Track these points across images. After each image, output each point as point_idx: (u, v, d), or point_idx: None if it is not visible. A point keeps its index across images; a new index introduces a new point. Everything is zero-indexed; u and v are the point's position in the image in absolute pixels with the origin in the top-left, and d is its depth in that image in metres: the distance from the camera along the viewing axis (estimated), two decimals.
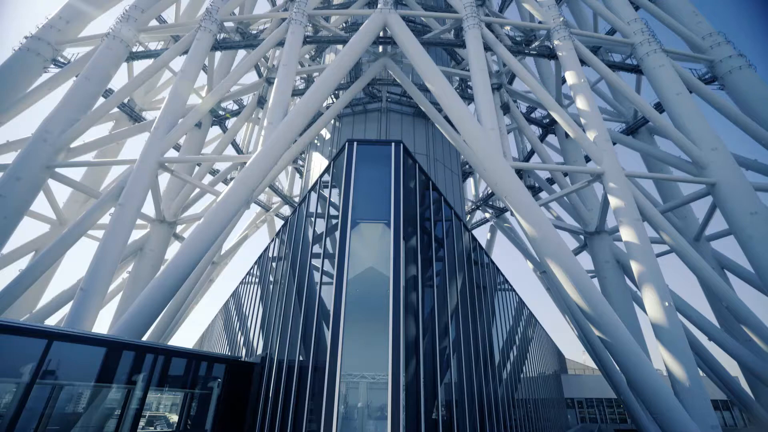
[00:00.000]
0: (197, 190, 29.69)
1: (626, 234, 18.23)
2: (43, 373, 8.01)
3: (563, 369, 46.45)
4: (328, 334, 7.73)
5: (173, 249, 44.30)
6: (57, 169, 22.03)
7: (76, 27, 26.91)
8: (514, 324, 20.65)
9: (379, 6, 23.84)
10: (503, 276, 19.76)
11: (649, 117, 23.42)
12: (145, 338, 16.53)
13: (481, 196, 42.55)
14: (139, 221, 23.43)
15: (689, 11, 28.20)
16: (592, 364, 45.82)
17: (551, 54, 25.78)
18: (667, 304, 16.38)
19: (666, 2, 29.24)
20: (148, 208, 25.34)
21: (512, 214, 19.28)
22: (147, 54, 27.21)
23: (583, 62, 25.06)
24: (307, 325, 9.39)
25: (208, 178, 32.34)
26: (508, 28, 30.39)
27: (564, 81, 32.92)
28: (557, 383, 36.38)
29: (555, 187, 33.41)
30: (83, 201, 30.12)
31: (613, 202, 19.29)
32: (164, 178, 28.00)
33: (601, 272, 27.37)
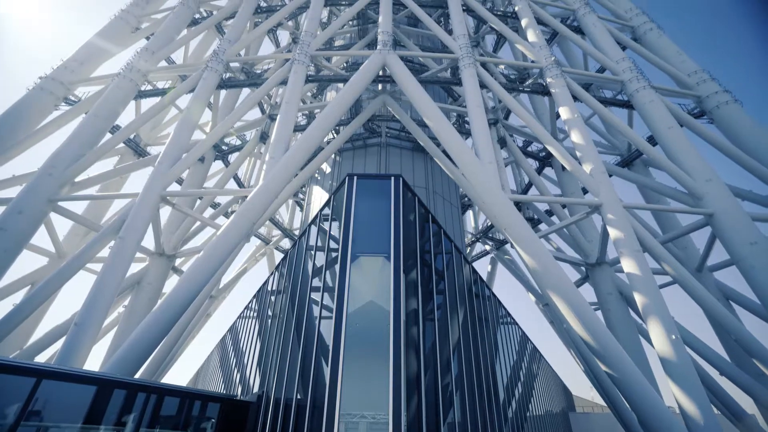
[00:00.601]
0: (198, 223, 29.82)
1: (628, 265, 18.13)
2: (28, 414, 7.68)
3: (571, 407, 44.65)
4: (327, 371, 7.53)
5: (171, 283, 43.84)
6: (60, 203, 22.24)
7: (88, 68, 28.03)
8: (518, 359, 20.10)
9: (378, 47, 24.97)
10: (505, 309, 19.46)
11: (643, 150, 23.95)
12: (137, 375, 16.03)
13: (480, 228, 42.65)
14: (138, 254, 23.38)
15: (674, 51, 29.51)
16: (601, 401, 44.12)
17: (545, 91, 26.72)
18: (674, 337, 16.03)
19: (651, 43, 30.65)
20: (148, 241, 25.33)
21: (512, 246, 19.27)
22: (155, 92, 28.20)
23: (575, 98, 25.91)
24: (306, 362, 9.16)
25: (209, 212, 32.55)
26: (502, 66, 31.68)
27: (558, 116, 33.91)
28: (565, 422, 34.86)
29: (554, 219, 33.57)
30: (83, 234, 30.16)
31: (613, 233, 19.34)
32: (165, 212, 28.20)
33: (604, 304, 26.96)
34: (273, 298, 14.81)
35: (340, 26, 29.64)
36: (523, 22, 30.58)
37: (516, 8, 31.74)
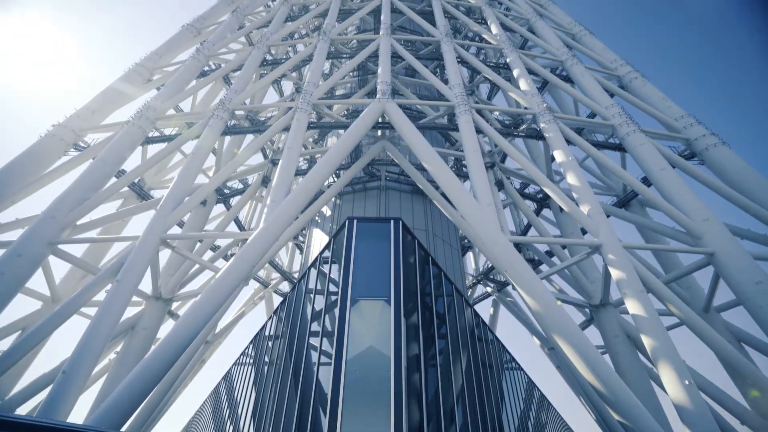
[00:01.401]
0: (197, 266, 29.62)
1: (632, 306, 17.81)
2: None
3: None
4: (325, 422, 7.20)
5: (166, 328, 42.70)
6: (59, 246, 22.22)
7: (100, 115, 29.15)
8: (526, 408, 19.17)
9: (378, 96, 26.16)
10: (509, 354, 18.86)
11: (638, 191, 24.37)
12: (125, 428, 15.22)
13: (481, 269, 42.27)
14: (133, 298, 22.98)
15: (659, 97, 30.89)
16: None
17: (539, 135, 27.64)
18: (687, 382, 15.42)
19: (637, 91, 32.14)
20: (145, 284, 25.04)
21: (514, 288, 19.06)
22: (162, 138, 29.10)
23: (569, 142, 26.75)
24: (303, 411, 8.76)
25: (208, 254, 32.44)
26: (497, 112, 33.00)
27: (553, 158, 34.80)
28: None
29: (554, 260, 33.38)
30: (80, 277, 29.81)
31: (615, 273, 19.18)
32: (164, 255, 28.09)
33: (611, 348, 26.13)
34: (270, 343, 14.42)
35: (342, 77, 31.29)
36: (515, 72, 32.24)
37: (507, 60, 33.58)
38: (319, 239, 29.71)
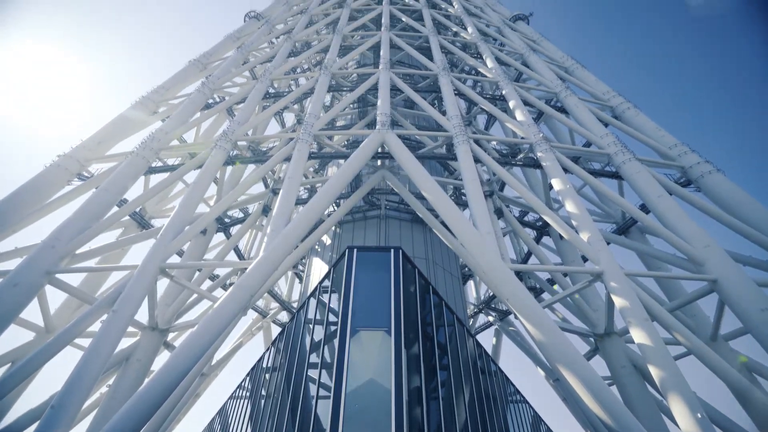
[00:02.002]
0: (194, 296, 29.26)
1: (638, 335, 17.47)
2: None
3: None
4: None
5: (162, 359, 41.62)
6: (57, 275, 21.98)
7: (105, 146, 29.66)
8: None
9: (377, 126, 26.76)
10: (514, 386, 18.32)
11: (637, 218, 24.45)
12: None
13: (482, 298, 41.74)
14: (129, 329, 22.53)
15: (652, 127, 31.59)
16: None
17: (536, 164, 28.04)
18: (699, 416, 14.88)
19: (630, 121, 32.91)
20: (141, 314, 24.65)
21: (516, 317, 18.77)
22: (164, 168, 29.47)
23: (566, 170, 27.11)
24: None
25: (207, 284, 32.13)
26: (494, 142, 33.65)
27: (551, 186, 35.15)
28: None
29: (556, 288, 33.04)
30: (76, 307, 29.35)
31: (618, 301, 18.93)
32: (162, 284, 27.80)
33: (618, 378, 25.38)
34: (267, 376, 14.05)
35: (342, 108, 32.10)
36: (511, 104, 33.14)
37: (503, 92, 34.61)
38: (318, 268, 29.53)
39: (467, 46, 43.57)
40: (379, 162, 29.97)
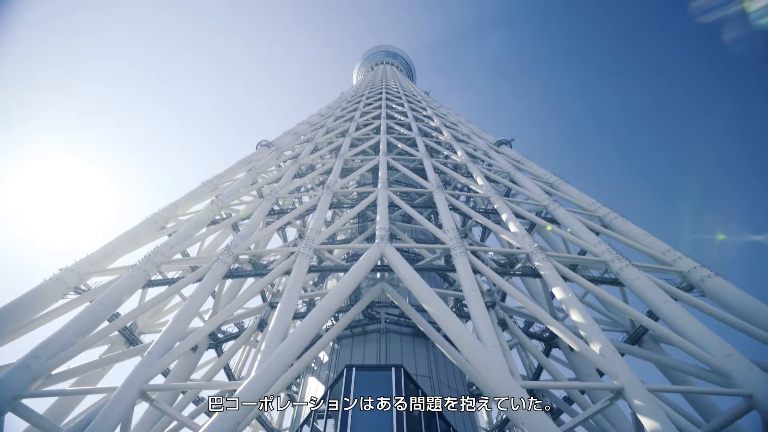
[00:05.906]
0: (174, 423, 26.21)
1: None
2: None
3: None
4: None
5: None
6: (23, 400, 19.51)
7: (109, 260, 29.98)
8: None
9: (376, 240, 27.66)
10: None
11: (648, 326, 23.47)
12: None
13: (495, 422, 37.44)
14: None
15: (642, 234, 32.65)
16: None
17: (535, 273, 28.17)
18: None
19: (620, 229, 34.16)
20: None
21: None
22: (163, 282, 29.29)
23: (566, 278, 27.08)
24: None
25: (191, 407, 29.09)
26: (491, 253, 34.37)
27: (553, 295, 34.63)
28: None
29: (574, 406, 29.96)
30: None
31: (647, 423, 16.91)
32: (140, 408, 24.84)
33: None
34: None
35: (343, 224, 33.60)
36: (503, 216, 34.84)
37: (495, 206, 36.71)
38: (314, 388, 27.26)
39: (458, 166, 47.78)
40: (378, 275, 30.13)
